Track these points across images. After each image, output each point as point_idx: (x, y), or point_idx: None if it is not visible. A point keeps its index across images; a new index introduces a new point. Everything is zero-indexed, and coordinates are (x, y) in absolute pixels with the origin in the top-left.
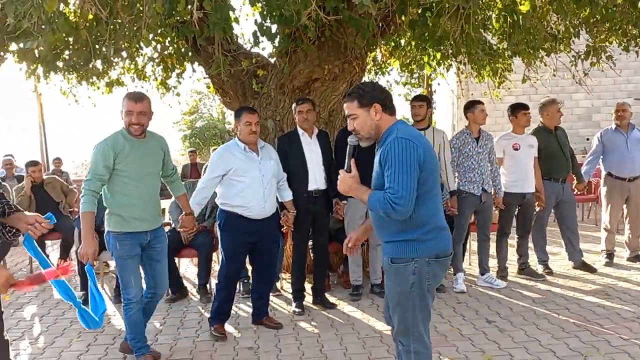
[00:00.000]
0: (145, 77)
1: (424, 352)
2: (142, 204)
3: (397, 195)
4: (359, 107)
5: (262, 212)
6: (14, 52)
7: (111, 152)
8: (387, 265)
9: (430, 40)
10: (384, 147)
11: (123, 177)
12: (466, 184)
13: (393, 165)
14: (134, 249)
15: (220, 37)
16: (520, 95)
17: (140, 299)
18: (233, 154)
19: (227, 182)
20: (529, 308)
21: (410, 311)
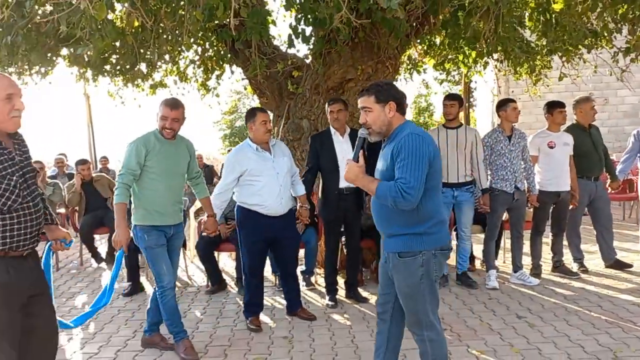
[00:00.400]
0: (187, 79)
1: (437, 339)
2: (166, 200)
3: (408, 185)
4: (376, 102)
5: (279, 208)
6: (65, 57)
7: (143, 150)
8: (394, 261)
9: (464, 39)
10: (398, 141)
11: (151, 174)
12: (498, 182)
13: (406, 158)
14: (160, 238)
15: (257, 41)
16: (562, 92)
17: (173, 285)
18: (246, 155)
19: (244, 183)
20: (560, 305)
21: (420, 302)
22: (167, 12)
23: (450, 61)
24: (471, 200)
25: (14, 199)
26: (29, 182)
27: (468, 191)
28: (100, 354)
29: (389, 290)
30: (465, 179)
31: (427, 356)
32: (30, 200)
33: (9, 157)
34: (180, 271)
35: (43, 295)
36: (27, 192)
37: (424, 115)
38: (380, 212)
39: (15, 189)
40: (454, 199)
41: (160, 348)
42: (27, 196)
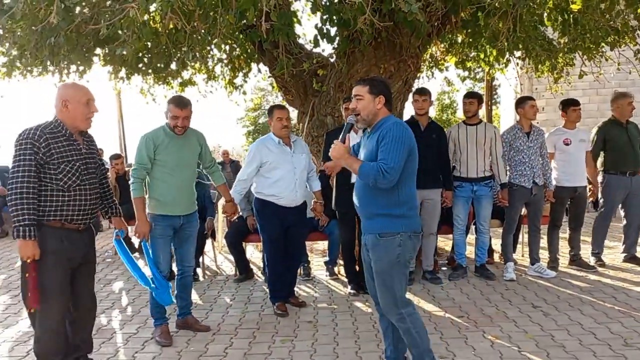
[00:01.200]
0: (215, 77)
1: (414, 312)
2: (177, 191)
3: (388, 165)
4: (368, 92)
5: (294, 201)
6: (100, 56)
7: (151, 144)
8: (373, 241)
9: (484, 38)
10: (383, 128)
11: (161, 167)
12: (517, 177)
13: (390, 142)
14: (166, 230)
15: (284, 41)
16: (586, 89)
17: (167, 273)
18: (268, 148)
19: (262, 174)
20: (575, 296)
21: (396, 280)
22: (200, 15)
23: (472, 59)
24: (490, 195)
25: (74, 180)
26: (90, 171)
27: (487, 186)
28: (139, 334)
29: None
30: (484, 174)
31: (411, 331)
32: (88, 185)
33: (76, 148)
34: (209, 260)
35: (90, 267)
36: (85, 178)
37: (447, 112)
38: (363, 194)
39: (76, 172)
40: (472, 194)
41: (194, 330)
42: (85, 181)
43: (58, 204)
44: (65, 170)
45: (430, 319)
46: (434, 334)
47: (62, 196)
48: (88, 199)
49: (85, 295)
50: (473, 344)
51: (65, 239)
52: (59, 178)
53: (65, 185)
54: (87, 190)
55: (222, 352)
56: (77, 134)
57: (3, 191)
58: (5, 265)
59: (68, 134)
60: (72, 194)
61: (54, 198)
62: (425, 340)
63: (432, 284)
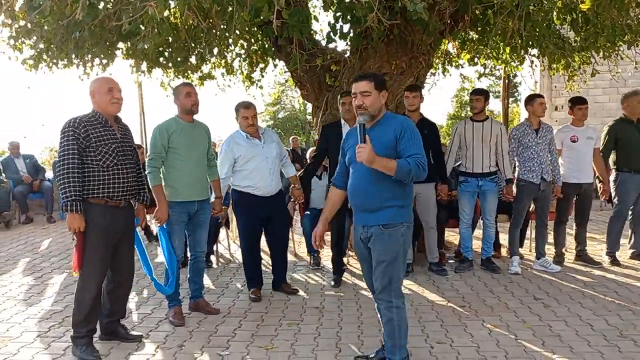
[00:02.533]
0: (233, 72)
1: (402, 307)
2: (191, 177)
3: (423, 159)
4: (375, 88)
5: (269, 189)
6: (122, 50)
7: (165, 133)
8: (377, 232)
9: (497, 36)
10: (397, 124)
11: (175, 154)
12: (525, 173)
13: (413, 137)
14: (182, 217)
15: (298, 37)
16: (607, 87)
17: (181, 258)
18: (238, 143)
19: (237, 168)
20: (578, 290)
21: (396, 270)
22: (217, 12)
23: (485, 56)
24: (495, 190)
25: (111, 160)
26: (126, 153)
27: (492, 181)
28: (153, 315)
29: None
30: (489, 170)
31: (393, 323)
32: (124, 164)
33: (111, 132)
34: (222, 249)
35: (129, 241)
36: (122, 159)
37: (465, 109)
38: (370, 188)
39: (113, 152)
40: (478, 188)
41: (205, 312)
42: (121, 161)
43: (100, 182)
44: (103, 152)
45: (432, 307)
46: (435, 322)
47: (103, 175)
48: (126, 177)
49: (124, 267)
50: (472, 332)
51: (107, 215)
52: (98, 159)
53: (104, 164)
54: (125, 170)
55: (230, 332)
56: (112, 121)
57: (28, 179)
58: (29, 249)
59: (104, 121)
60: (111, 172)
61: (96, 177)
62: (403, 336)
63: (438, 276)
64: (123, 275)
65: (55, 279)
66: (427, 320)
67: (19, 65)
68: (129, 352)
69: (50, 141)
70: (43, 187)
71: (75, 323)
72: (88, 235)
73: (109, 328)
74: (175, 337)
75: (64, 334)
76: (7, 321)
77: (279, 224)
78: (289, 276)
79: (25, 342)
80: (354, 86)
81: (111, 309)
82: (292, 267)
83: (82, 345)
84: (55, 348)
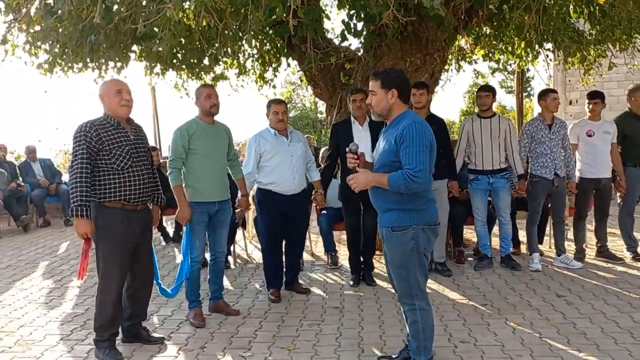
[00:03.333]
0: (246, 72)
1: (427, 308)
2: (211, 178)
3: (414, 169)
4: (380, 87)
5: (292, 187)
6: (136, 52)
7: (186, 134)
8: (387, 235)
9: (512, 31)
10: (401, 128)
11: (196, 155)
12: (538, 169)
13: (410, 145)
14: (202, 217)
15: (312, 36)
16: (622, 80)
17: (201, 259)
18: (265, 138)
19: (261, 163)
20: (600, 286)
21: (411, 273)
22: (231, 12)
23: (500, 51)
24: (507, 186)
25: (125, 162)
26: (140, 155)
27: (503, 177)
28: (174, 316)
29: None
30: (500, 166)
31: (417, 324)
32: (139, 167)
33: (124, 134)
34: (239, 249)
35: (147, 245)
36: (136, 161)
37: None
38: (376, 188)
39: (127, 155)
40: (489, 186)
41: (225, 313)
42: (136, 163)
43: (115, 185)
44: (116, 154)
45: (454, 306)
46: (457, 320)
47: (117, 178)
48: (141, 179)
49: (144, 270)
50: (495, 330)
51: (125, 218)
52: (112, 162)
53: (118, 167)
54: (140, 172)
55: (252, 334)
56: (124, 123)
57: (45, 182)
58: (48, 253)
59: (116, 123)
60: (126, 174)
61: (111, 180)
62: (428, 338)
63: (458, 274)
64: (142, 278)
65: (75, 282)
66: (449, 319)
67: (33, 69)
68: (151, 355)
69: (64, 144)
70: (60, 190)
71: (97, 327)
72: (106, 240)
73: (131, 330)
74: (197, 338)
75: (87, 337)
76: (30, 324)
77: (298, 224)
78: (307, 276)
79: (48, 346)
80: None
81: (132, 311)
82: (310, 267)
83: (105, 349)
84: (79, 351)
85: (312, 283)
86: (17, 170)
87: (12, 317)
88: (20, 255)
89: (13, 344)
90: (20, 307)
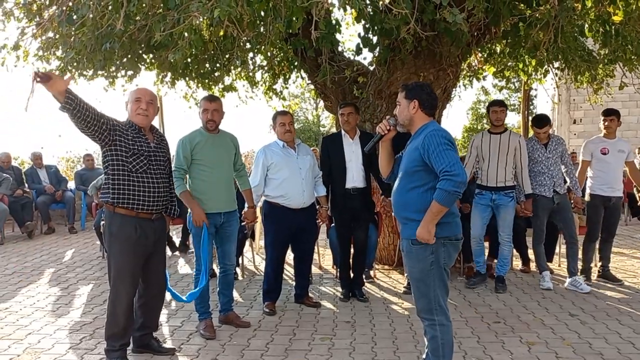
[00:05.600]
0: (255, 83)
1: (447, 324)
2: (217, 188)
3: (447, 167)
4: (404, 98)
5: (301, 201)
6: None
7: (188, 146)
8: (407, 247)
9: (523, 48)
10: (422, 138)
11: (200, 165)
12: (537, 187)
13: (435, 150)
14: (209, 228)
15: (328, 49)
16: (626, 101)
17: (209, 270)
18: (273, 151)
19: (269, 176)
20: (613, 306)
21: (431, 287)
22: (249, 23)
23: (510, 69)
24: (510, 205)
25: (141, 165)
26: (159, 163)
27: (507, 196)
28: (184, 327)
29: None
30: (504, 184)
31: (437, 340)
32: (156, 175)
33: (144, 140)
34: (246, 261)
35: (161, 255)
36: (152, 167)
37: (482, 121)
38: (397, 198)
39: (143, 157)
40: (492, 202)
41: (235, 325)
42: (153, 170)
43: (129, 189)
44: (135, 155)
45: (466, 323)
46: (471, 338)
47: (132, 181)
48: (157, 187)
49: (156, 280)
50: (510, 349)
51: (139, 227)
52: (129, 161)
53: (134, 168)
54: (156, 180)
55: (263, 347)
56: (147, 131)
57: (50, 189)
58: (53, 260)
59: (137, 128)
60: (141, 179)
61: (126, 182)
62: (448, 354)
63: (468, 289)
64: (154, 288)
65: (81, 289)
66: (463, 336)
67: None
68: None
69: (67, 152)
70: (65, 197)
71: (108, 336)
72: (118, 249)
73: (141, 341)
74: (208, 350)
75: (96, 346)
76: (38, 332)
77: (307, 237)
78: (316, 289)
79: (57, 355)
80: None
81: (143, 322)
82: (319, 280)
83: (116, 359)
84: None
85: (322, 297)
86: (22, 177)
87: (20, 325)
88: (25, 261)
89: (22, 352)
90: (27, 314)
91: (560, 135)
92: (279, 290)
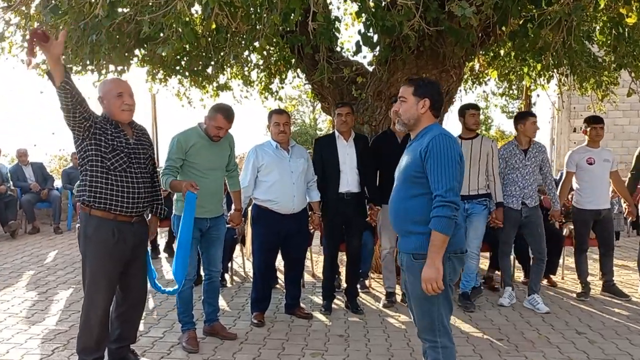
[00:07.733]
0: (251, 83)
1: (450, 346)
2: (205, 194)
3: (442, 192)
4: (412, 94)
5: (291, 206)
6: (139, 57)
7: (182, 145)
8: (408, 262)
9: (530, 51)
10: (427, 142)
11: (191, 169)
12: (505, 198)
13: (436, 162)
14: (194, 232)
15: (326, 45)
16: (627, 110)
17: (193, 277)
18: (265, 151)
19: (259, 178)
20: (622, 323)
21: (435, 305)
22: (243, 16)
23: (515, 73)
24: (483, 214)
25: (120, 163)
26: (140, 161)
27: (480, 204)
28: (165, 338)
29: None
30: (477, 192)
31: None
32: (135, 174)
33: (123, 136)
34: (237, 266)
35: (141, 260)
36: (132, 165)
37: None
38: (396, 208)
39: (123, 154)
40: (465, 212)
41: (221, 337)
42: (132, 167)
43: (107, 189)
44: (115, 151)
45: (467, 339)
46: (473, 356)
47: (110, 180)
48: (136, 188)
49: (135, 288)
50: None
51: (117, 231)
52: (108, 157)
53: (112, 166)
54: (136, 180)
55: None
56: (125, 126)
57: (36, 187)
58: (35, 261)
59: (115, 123)
60: (119, 178)
61: (103, 182)
62: None
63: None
64: (134, 296)
65: (60, 294)
66: (464, 354)
67: (30, 70)
68: None
69: (60, 150)
70: (51, 196)
71: (80, 349)
72: (94, 253)
73: (117, 354)
74: None
75: (69, 358)
76: (8, 341)
77: (297, 244)
78: (308, 298)
79: None
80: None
81: (121, 333)
82: (311, 289)
83: None
84: None
85: (314, 307)
86: (7, 174)
87: None
88: (5, 263)
89: None
90: None
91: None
92: (269, 299)
